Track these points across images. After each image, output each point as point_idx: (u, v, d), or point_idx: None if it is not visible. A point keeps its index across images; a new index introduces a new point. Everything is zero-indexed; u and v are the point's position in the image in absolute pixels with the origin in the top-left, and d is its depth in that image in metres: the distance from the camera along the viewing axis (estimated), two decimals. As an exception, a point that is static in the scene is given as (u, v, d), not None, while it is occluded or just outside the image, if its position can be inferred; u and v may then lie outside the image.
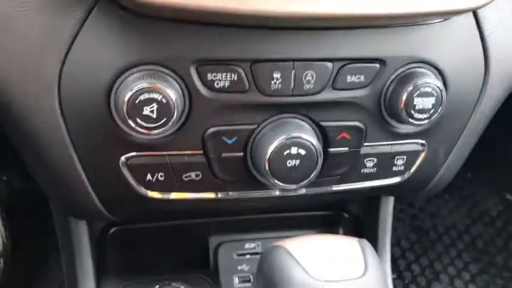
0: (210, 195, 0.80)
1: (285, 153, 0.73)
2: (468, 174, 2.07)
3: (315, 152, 0.74)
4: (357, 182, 0.84)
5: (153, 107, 0.67)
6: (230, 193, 0.80)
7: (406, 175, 0.85)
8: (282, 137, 0.72)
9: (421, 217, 1.98)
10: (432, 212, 2.00)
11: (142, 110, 0.67)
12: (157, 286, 0.87)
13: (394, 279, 1.73)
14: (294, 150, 0.73)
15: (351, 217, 1.11)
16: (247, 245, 1.08)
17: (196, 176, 0.77)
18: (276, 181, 0.74)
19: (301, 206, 1.05)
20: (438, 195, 2.01)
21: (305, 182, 0.76)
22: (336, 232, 1.13)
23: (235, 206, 0.86)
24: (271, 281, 0.53)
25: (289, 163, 0.73)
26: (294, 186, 0.76)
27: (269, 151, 0.72)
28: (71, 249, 0.91)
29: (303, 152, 0.73)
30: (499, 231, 1.97)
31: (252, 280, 1.06)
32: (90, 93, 0.69)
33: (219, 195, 0.80)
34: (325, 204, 1.08)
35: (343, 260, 0.54)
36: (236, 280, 1.06)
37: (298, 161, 0.73)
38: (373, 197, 1.05)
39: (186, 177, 0.76)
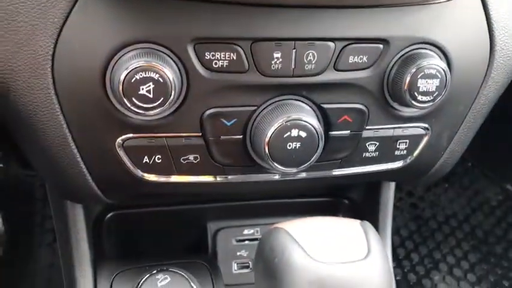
0: (209, 178, 0.78)
1: (285, 135, 0.71)
2: (468, 163, 2.06)
3: (316, 134, 0.72)
4: (358, 166, 0.82)
5: (149, 86, 0.65)
6: (229, 177, 0.79)
7: (409, 160, 0.84)
8: (282, 119, 0.71)
9: (421, 206, 1.97)
10: (432, 201, 2.00)
11: (139, 90, 0.65)
12: (155, 271, 0.86)
13: (393, 268, 1.73)
14: (294, 132, 0.71)
15: (351, 203, 1.10)
16: (246, 231, 1.06)
17: (195, 158, 0.75)
18: (275, 164, 0.73)
19: (300, 191, 1.04)
20: (438, 184, 2.00)
21: (305, 165, 0.74)
22: None
23: (234, 190, 0.84)
24: (271, 263, 0.52)
25: (290, 146, 0.72)
26: (294, 170, 0.74)
27: (269, 133, 0.71)
28: (67, 233, 0.90)
29: (303, 134, 0.71)
30: (498, 220, 1.97)
31: (250, 266, 1.05)
32: (84, 73, 0.67)
33: (218, 179, 0.78)
34: (325, 189, 1.07)
35: (345, 242, 0.52)
36: (235, 266, 1.05)
37: (298, 144, 0.72)
38: (374, 182, 1.04)
39: (184, 160, 0.75)
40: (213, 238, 1.05)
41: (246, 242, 1.06)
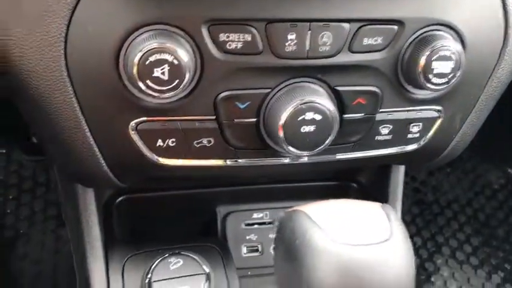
0: (221, 162, 0.78)
1: (299, 118, 0.71)
2: (472, 147, 2.06)
3: (330, 117, 0.71)
4: (371, 149, 0.82)
5: (164, 68, 0.64)
6: (241, 160, 0.78)
7: (421, 143, 0.83)
8: (296, 102, 0.70)
9: (424, 190, 1.98)
10: (434, 185, 2.00)
11: (153, 72, 0.64)
12: (167, 255, 0.86)
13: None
14: (309, 115, 0.71)
15: (360, 187, 1.10)
16: (255, 215, 1.06)
17: (208, 142, 0.75)
18: (289, 148, 0.72)
19: (309, 175, 1.04)
20: (441, 169, 2.01)
21: (319, 148, 0.74)
22: None
23: (246, 173, 0.84)
24: (292, 246, 0.52)
25: (304, 129, 0.71)
26: (307, 153, 0.74)
27: (283, 116, 0.70)
28: (78, 218, 0.89)
29: (318, 117, 0.71)
30: (500, 204, 1.98)
31: (260, 249, 1.06)
32: (97, 55, 0.66)
33: (230, 163, 0.78)
34: (333, 173, 1.07)
35: (366, 224, 0.52)
36: (244, 249, 1.05)
37: (313, 127, 0.71)
38: (384, 166, 1.04)
39: (197, 143, 0.74)
40: (222, 222, 1.05)
41: (255, 226, 1.06)
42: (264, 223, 1.07)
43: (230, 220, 1.05)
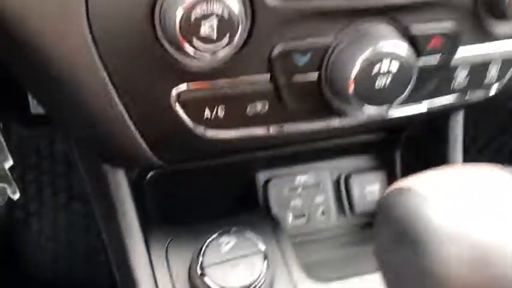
0: (278, 128, 0.67)
1: (373, 69, 0.60)
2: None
3: (408, 64, 0.61)
4: (446, 97, 0.72)
5: (212, 22, 0.52)
6: (300, 124, 0.68)
7: (498, 85, 0.73)
8: (369, 50, 0.59)
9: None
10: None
11: (200, 28, 0.52)
12: (216, 234, 0.76)
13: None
14: (384, 64, 0.60)
15: (410, 140, 1.00)
16: (298, 178, 0.96)
17: (263, 106, 0.64)
18: (362, 105, 0.62)
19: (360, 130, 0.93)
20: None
21: (396, 101, 0.63)
22: (392, 157, 1.01)
23: (302, 138, 0.73)
24: (406, 229, 0.42)
25: (379, 81, 0.60)
26: (382, 108, 0.64)
27: (354, 69, 0.59)
28: (110, 200, 0.78)
29: (395, 65, 0.60)
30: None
31: (306, 215, 0.97)
32: (126, 13, 0.54)
33: (288, 128, 0.67)
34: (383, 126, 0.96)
35: (499, 200, 0.42)
36: (290, 217, 0.96)
37: (389, 77, 0.60)
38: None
39: (251, 108, 0.63)
40: (263, 189, 0.96)
41: (300, 189, 0.97)
42: (308, 186, 0.97)
43: (272, 186, 0.95)
